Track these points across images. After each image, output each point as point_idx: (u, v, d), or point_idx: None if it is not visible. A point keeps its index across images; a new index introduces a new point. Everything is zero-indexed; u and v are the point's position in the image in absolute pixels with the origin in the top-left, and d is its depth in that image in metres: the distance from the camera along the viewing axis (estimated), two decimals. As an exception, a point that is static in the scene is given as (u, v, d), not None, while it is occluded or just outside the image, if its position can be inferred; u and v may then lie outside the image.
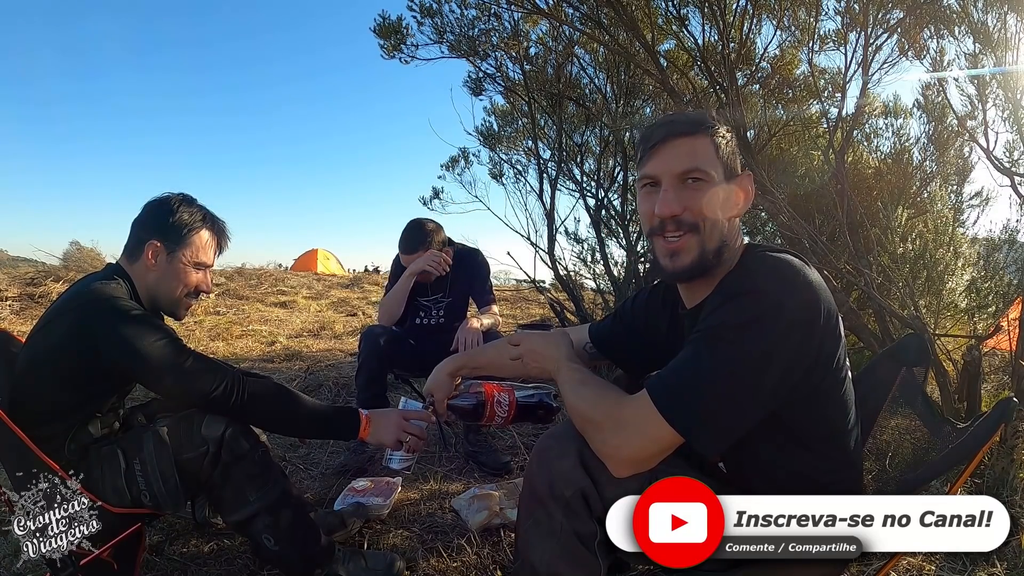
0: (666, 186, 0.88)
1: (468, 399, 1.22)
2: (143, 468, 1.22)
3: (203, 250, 1.34)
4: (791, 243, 2.50)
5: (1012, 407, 0.86)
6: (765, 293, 0.80)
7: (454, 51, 3.19)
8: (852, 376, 0.93)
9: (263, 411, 1.27)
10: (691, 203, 0.87)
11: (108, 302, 1.19)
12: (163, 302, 1.34)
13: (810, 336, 0.80)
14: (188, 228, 1.31)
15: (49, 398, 1.19)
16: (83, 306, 1.19)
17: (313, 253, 12.60)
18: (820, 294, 0.82)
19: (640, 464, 0.83)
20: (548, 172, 3.89)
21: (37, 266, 7.16)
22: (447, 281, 2.38)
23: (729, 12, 2.70)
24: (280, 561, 1.33)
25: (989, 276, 2.14)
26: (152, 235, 1.29)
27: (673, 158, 0.87)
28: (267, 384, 1.29)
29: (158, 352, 1.17)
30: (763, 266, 0.85)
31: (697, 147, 0.88)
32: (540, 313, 6.54)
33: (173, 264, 1.30)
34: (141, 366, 1.17)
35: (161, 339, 1.18)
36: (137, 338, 1.16)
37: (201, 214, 1.34)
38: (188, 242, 1.31)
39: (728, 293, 0.83)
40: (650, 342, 1.12)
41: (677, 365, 0.83)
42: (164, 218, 1.30)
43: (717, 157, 0.88)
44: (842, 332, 0.87)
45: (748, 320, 0.79)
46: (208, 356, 1.26)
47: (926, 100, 2.71)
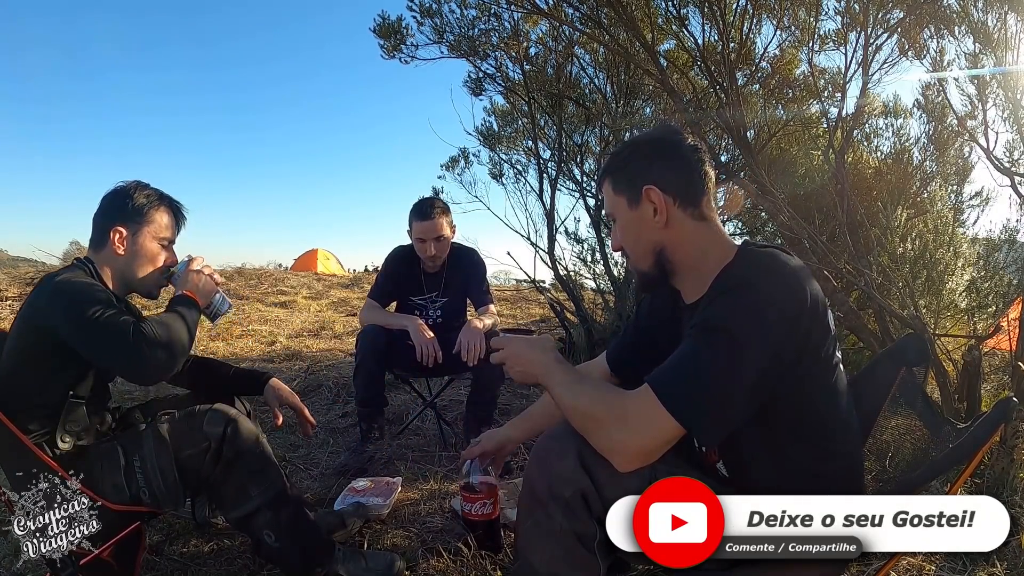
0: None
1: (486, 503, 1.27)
2: (143, 465, 1.23)
3: (165, 226, 1.39)
4: (791, 243, 2.50)
5: (1012, 407, 0.87)
6: (754, 286, 0.85)
7: (454, 51, 3.19)
8: (852, 375, 0.95)
9: (171, 341, 1.23)
10: (616, 239, 1.05)
11: (60, 280, 1.23)
12: (136, 284, 1.37)
13: (798, 323, 0.84)
14: (147, 207, 1.36)
15: (22, 381, 1.21)
16: (39, 286, 1.25)
17: (313, 253, 12.60)
18: (806, 283, 0.86)
19: (646, 457, 0.84)
20: (548, 172, 3.89)
21: (37, 266, 7.15)
22: (440, 281, 2.37)
23: (729, 12, 2.70)
24: (280, 558, 1.34)
25: (989, 276, 2.15)
26: (114, 221, 1.34)
27: (605, 205, 1.08)
28: (154, 321, 1.25)
29: (90, 319, 1.17)
30: (751, 262, 0.91)
31: (606, 193, 1.04)
32: (540, 313, 6.54)
33: (139, 245, 1.35)
34: (73, 330, 1.18)
35: (100, 310, 1.18)
36: (76, 300, 1.18)
37: (157, 194, 1.39)
38: (149, 220, 1.36)
39: (720, 289, 0.88)
40: (661, 340, 1.14)
41: (676, 359, 0.86)
42: (123, 203, 1.35)
43: (615, 194, 1.01)
44: (831, 322, 0.90)
45: (740, 312, 0.83)
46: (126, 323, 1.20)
47: (926, 100, 2.72)
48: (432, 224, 2.19)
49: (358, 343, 2.19)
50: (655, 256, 0.99)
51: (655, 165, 0.97)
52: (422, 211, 2.20)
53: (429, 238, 2.20)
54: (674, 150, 0.98)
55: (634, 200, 0.98)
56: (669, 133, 1.02)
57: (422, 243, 2.21)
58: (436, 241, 2.21)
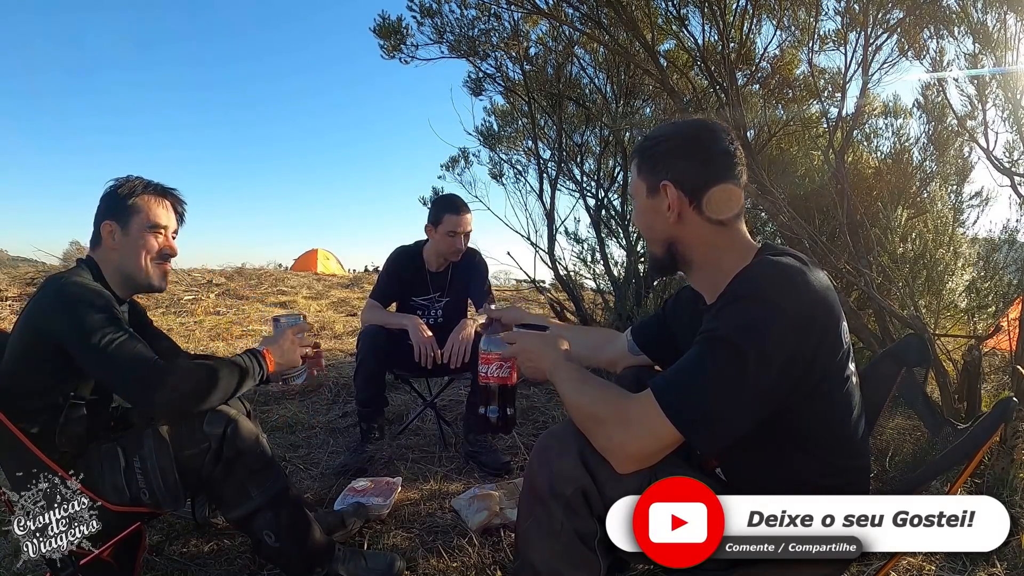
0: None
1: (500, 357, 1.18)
2: (143, 465, 1.23)
3: (151, 212, 1.36)
4: (791, 243, 2.50)
5: (1012, 407, 0.87)
6: (764, 297, 0.83)
7: (454, 51, 3.19)
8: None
9: (192, 394, 1.23)
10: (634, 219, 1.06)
11: (64, 283, 1.23)
12: (135, 277, 1.35)
13: (807, 338, 0.82)
14: (129, 197, 1.35)
15: (23, 382, 1.20)
16: (42, 288, 1.25)
17: (313, 253, 12.60)
18: (820, 296, 0.84)
19: (643, 460, 0.84)
20: (548, 172, 3.89)
21: (37, 266, 7.15)
22: (445, 280, 2.38)
23: (729, 12, 2.70)
24: (280, 558, 1.34)
25: (989, 276, 2.15)
26: (104, 217, 1.34)
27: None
28: (186, 368, 1.25)
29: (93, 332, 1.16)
30: (765, 270, 0.87)
31: (632, 172, 1.03)
32: (540, 313, 6.54)
33: (129, 236, 1.34)
34: (75, 341, 1.17)
35: (109, 333, 1.17)
36: (79, 314, 1.18)
37: (141, 182, 1.38)
38: (135, 209, 1.35)
39: (731, 296, 0.86)
40: (680, 339, 1.17)
41: (681, 366, 0.85)
42: (109, 199, 1.36)
43: (638, 177, 1.00)
44: (845, 335, 0.88)
45: (747, 323, 0.81)
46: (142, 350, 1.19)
47: (926, 100, 2.71)
48: (466, 219, 2.26)
49: (358, 343, 2.20)
50: (667, 246, 1.00)
51: (680, 162, 0.96)
52: (456, 206, 2.26)
53: (461, 232, 2.24)
54: (703, 152, 0.95)
55: (652, 189, 0.98)
56: (705, 132, 0.97)
57: (453, 236, 2.24)
58: (466, 236, 2.27)
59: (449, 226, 2.23)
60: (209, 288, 6.65)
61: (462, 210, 2.25)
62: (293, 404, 2.87)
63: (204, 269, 7.86)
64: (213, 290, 6.58)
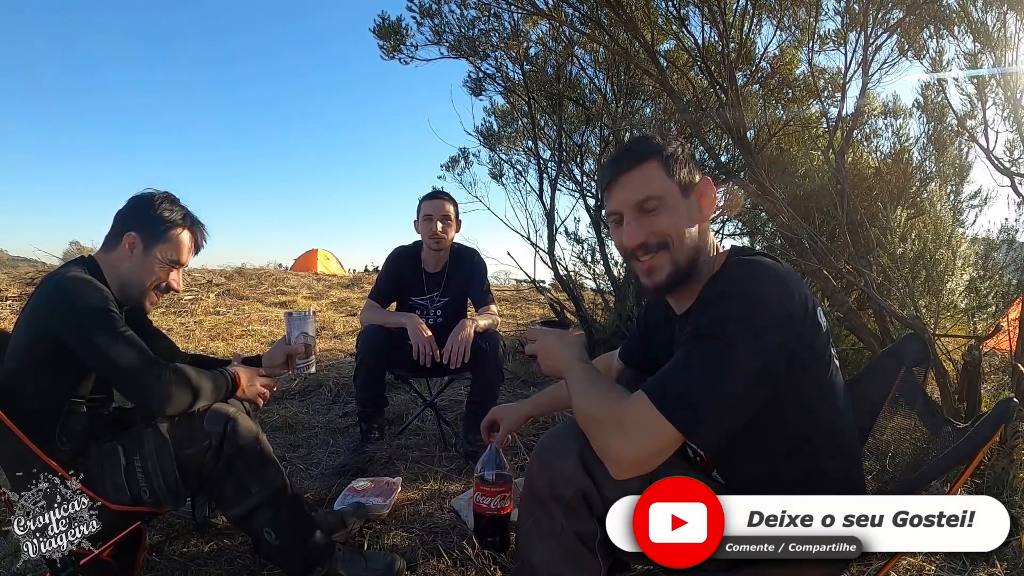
0: (628, 219, 0.95)
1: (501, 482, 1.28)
2: (143, 464, 1.23)
3: (179, 249, 1.36)
4: (791, 243, 2.50)
5: (1012, 407, 0.87)
6: (743, 292, 0.85)
7: (454, 51, 3.19)
8: (852, 375, 0.94)
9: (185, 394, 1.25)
10: (654, 227, 0.93)
11: (62, 279, 1.22)
12: (132, 292, 1.34)
13: (790, 325, 0.84)
14: (168, 225, 1.34)
15: (24, 382, 1.21)
16: (41, 286, 1.25)
17: (313, 253, 12.59)
18: (793, 286, 0.86)
19: (641, 466, 0.83)
20: (548, 172, 3.89)
21: (37, 266, 7.16)
22: (443, 280, 2.37)
23: (729, 12, 2.70)
24: (280, 556, 1.34)
25: (988, 276, 2.15)
26: (132, 227, 1.32)
27: (628, 192, 0.94)
28: (182, 373, 1.26)
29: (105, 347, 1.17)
30: (740, 270, 0.90)
31: (648, 175, 0.93)
32: (540, 313, 6.53)
33: (148, 257, 1.32)
34: (74, 334, 1.18)
35: (102, 320, 1.18)
36: (78, 307, 1.18)
37: (182, 213, 1.37)
38: (166, 239, 1.34)
39: (711, 298, 0.88)
40: (657, 351, 1.17)
41: (672, 367, 0.85)
42: (146, 212, 1.33)
43: (668, 177, 0.93)
44: (823, 319, 0.91)
45: (732, 318, 0.83)
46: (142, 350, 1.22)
47: (926, 100, 2.71)
48: (440, 203, 2.28)
49: (358, 343, 2.20)
50: (695, 252, 0.94)
51: (696, 165, 0.98)
52: (431, 193, 2.33)
53: (437, 215, 2.26)
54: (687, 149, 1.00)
55: (688, 187, 0.94)
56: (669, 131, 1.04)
57: (429, 220, 2.27)
58: (443, 220, 2.27)
59: (426, 209, 2.28)
60: (209, 288, 6.65)
61: (436, 196, 2.31)
62: (293, 404, 2.87)
63: (204, 269, 7.86)
64: (213, 290, 6.57)
